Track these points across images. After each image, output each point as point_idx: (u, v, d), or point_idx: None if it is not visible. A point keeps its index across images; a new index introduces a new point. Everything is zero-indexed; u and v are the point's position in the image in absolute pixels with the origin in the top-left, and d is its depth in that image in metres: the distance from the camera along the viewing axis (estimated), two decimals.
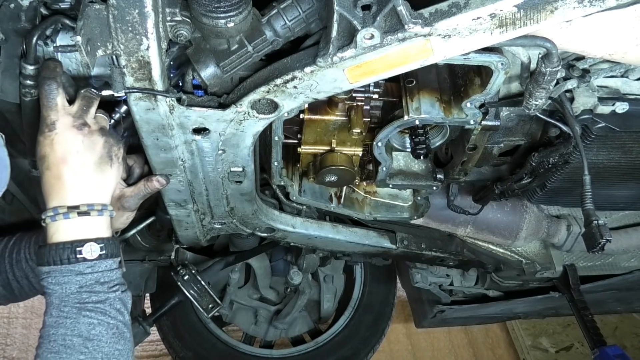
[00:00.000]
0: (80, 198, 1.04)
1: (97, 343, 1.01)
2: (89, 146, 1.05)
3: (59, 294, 1.02)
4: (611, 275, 2.13)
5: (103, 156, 1.07)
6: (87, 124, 1.06)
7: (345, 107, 1.33)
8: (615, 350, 1.87)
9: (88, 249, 1.02)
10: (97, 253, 1.04)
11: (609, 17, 0.99)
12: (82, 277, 1.02)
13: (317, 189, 1.61)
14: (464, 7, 0.91)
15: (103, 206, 1.07)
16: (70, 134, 1.04)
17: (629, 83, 1.30)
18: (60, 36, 1.14)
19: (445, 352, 3.36)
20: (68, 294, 1.02)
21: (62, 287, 1.02)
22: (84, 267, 1.02)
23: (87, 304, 1.02)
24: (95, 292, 1.03)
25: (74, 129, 1.04)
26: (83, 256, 1.02)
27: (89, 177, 1.05)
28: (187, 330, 2.64)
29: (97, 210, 1.06)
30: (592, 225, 1.17)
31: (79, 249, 1.02)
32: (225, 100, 1.10)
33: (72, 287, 1.02)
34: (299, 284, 2.56)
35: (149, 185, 1.26)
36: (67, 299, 1.01)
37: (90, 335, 1.01)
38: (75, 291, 1.02)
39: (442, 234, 1.91)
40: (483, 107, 1.22)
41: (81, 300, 1.02)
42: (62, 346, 0.99)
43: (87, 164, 1.05)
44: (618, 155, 1.41)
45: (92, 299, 1.02)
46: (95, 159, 1.06)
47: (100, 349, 1.01)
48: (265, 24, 1.03)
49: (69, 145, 1.03)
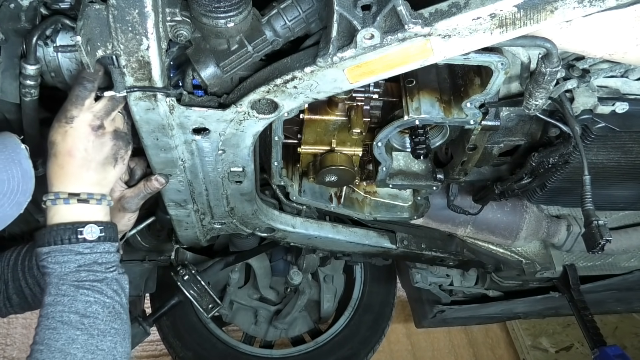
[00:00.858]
0: (80, 188, 1.08)
1: (93, 320, 1.04)
2: (97, 147, 1.08)
3: (57, 272, 1.05)
4: (611, 275, 2.13)
5: (108, 157, 1.11)
6: (103, 125, 1.09)
7: (345, 107, 1.33)
8: (615, 350, 1.87)
9: (89, 230, 1.07)
10: (97, 235, 1.08)
11: (609, 17, 0.99)
12: (81, 257, 1.06)
13: (317, 189, 1.61)
14: (464, 7, 0.91)
15: (102, 196, 1.11)
16: (85, 132, 1.07)
17: (629, 83, 1.30)
18: (60, 36, 1.14)
19: (445, 352, 3.36)
20: (67, 273, 1.05)
21: (61, 265, 1.05)
22: (83, 248, 1.06)
23: (84, 282, 1.05)
24: (93, 271, 1.06)
25: (89, 128, 1.07)
26: (84, 237, 1.06)
27: (91, 173, 1.09)
28: (187, 330, 2.64)
29: (96, 199, 1.10)
30: (592, 226, 1.17)
31: (80, 229, 1.06)
32: (225, 100, 1.10)
33: (71, 265, 1.05)
34: (299, 284, 2.56)
35: (149, 185, 1.27)
36: (66, 278, 1.05)
37: (87, 313, 1.04)
38: (73, 270, 1.05)
39: (442, 234, 1.91)
40: (483, 107, 1.22)
41: (79, 278, 1.05)
42: (59, 322, 1.02)
43: (91, 162, 1.08)
44: (618, 155, 1.41)
45: (90, 278, 1.06)
46: (100, 159, 1.09)
47: (96, 325, 1.04)
48: (265, 24, 1.03)
49: (80, 142, 1.07)
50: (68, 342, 1.02)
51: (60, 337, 1.01)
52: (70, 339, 1.02)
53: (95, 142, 1.08)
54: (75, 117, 1.06)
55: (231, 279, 2.64)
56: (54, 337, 1.01)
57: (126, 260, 2.12)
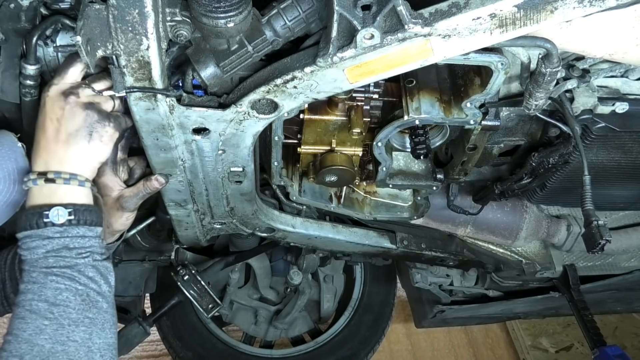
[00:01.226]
0: (47, 165, 1.02)
1: (63, 309, 0.97)
2: (68, 116, 1.02)
3: (28, 259, 1.00)
4: (611, 275, 2.13)
5: (80, 129, 1.03)
6: (76, 93, 1.03)
7: (345, 107, 1.33)
8: (615, 350, 1.87)
9: (55, 213, 0.99)
10: (65, 218, 1.00)
11: (609, 17, 0.99)
12: (49, 242, 0.99)
13: (317, 189, 1.61)
14: (464, 7, 0.91)
15: (72, 175, 1.03)
16: (56, 99, 1.03)
17: (629, 83, 1.30)
18: (60, 36, 1.14)
19: (445, 352, 3.36)
20: (36, 259, 0.99)
21: (30, 252, 1.00)
22: (52, 232, 0.99)
23: (53, 268, 0.98)
24: (62, 256, 0.99)
25: (61, 95, 1.03)
26: (50, 220, 0.99)
27: (60, 146, 1.02)
28: (187, 330, 2.63)
29: (63, 178, 1.02)
30: (591, 226, 1.17)
31: (46, 213, 0.99)
32: (225, 100, 1.10)
33: (40, 251, 0.99)
34: (299, 284, 2.56)
35: (149, 185, 1.27)
36: (36, 264, 0.99)
37: (57, 301, 0.97)
38: (42, 256, 0.99)
39: (442, 234, 1.91)
40: (483, 107, 1.22)
41: (48, 265, 0.98)
42: (27, 311, 0.96)
43: (61, 132, 1.02)
44: (618, 155, 1.41)
45: (60, 264, 0.99)
46: (70, 130, 1.02)
47: (67, 315, 0.97)
48: (265, 24, 1.03)
49: (51, 111, 1.03)
50: (35, 332, 0.95)
51: (27, 327, 0.95)
52: (38, 329, 0.95)
53: (66, 110, 1.02)
54: (53, 85, 1.03)
55: (231, 279, 2.63)
56: (22, 327, 0.95)
57: (126, 260, 2.12)
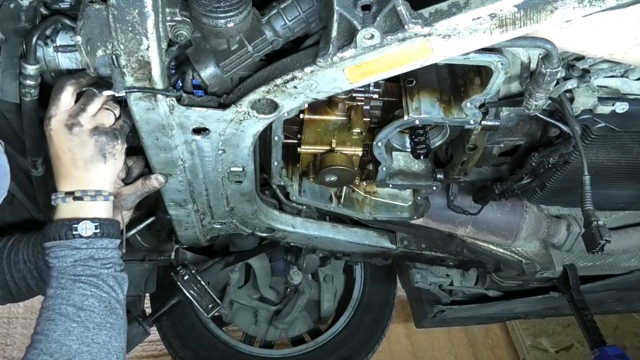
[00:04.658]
0: (73, 187, 1.12)
1: (89, 313, 1.07)
2: (78, 145, 1.09)
3: (57, 267, 1.10)
4: (611, 275, 2.13)
5: (94, 154, 1.11)
6: (79, 123, 1.09)
7: (345, 107, 1.33)
8: (615, 350, 1.87)
9: (83, 226, 1.10)
10: (92, 231, 1.11)
11: (609, 17, 0.99)
12: (77, 252, 1.10)
13: (317, 189, 1.61)
14: (464, 7, 0.91)
15: (97, 192, 1.13)
16: (62, 132, 1.08)
17: (629, 83, 1.30)
18: (60, 36, 1.14)
19: (445, 352, 3.36)
20: (65, 267, 1.09)
21: (59, 260, 1.09)
22: (79, 243, 1.10)
23: (81, 276, 1.09)
24: (89, 266, 1.10)
25: (65, 128, 1.08)
26: (78, 233, 1.10)
27: (80, 172, 1.11)
28: (187, 330, 2.63)
29: (90, 195, 1.12)
30: (591, 226, 1.17)
31: (75, 225, 1.10)
32: (225, 100, 1.10)
33: (68, 260, 1.09)
34: (299, 284, 2.56)
35: (148, 183, 1.27)
36: (64, 272, 1.09)
37: (84, 306, 1.07)
38: (70, 264, 1.09)
39: (442, 234, 1.91)
40: (483, 107, 1.22)
41: (76, 273, 1.09)
42: (57, 314, 1.06)
43: (77, 161, 1.10)
44: (618, 155, 1.41)
45: (86, 273, 1.09)
46: (86, 157, 1.10)
47: (92, 319, 1.07)
48: (265, 24, 1.03)
49: (60, 143, 1.09)
50: (64, 333, 1.05)
51: (57, 328, 1.05)
52: (67, 331, 1.05)
53: (75, 141, 1.08)
54: (52, 117, 1.08)
55: (231, 279, 2.63)
56: (52, 327, 1.05)
57: (126, 260, 2.10)
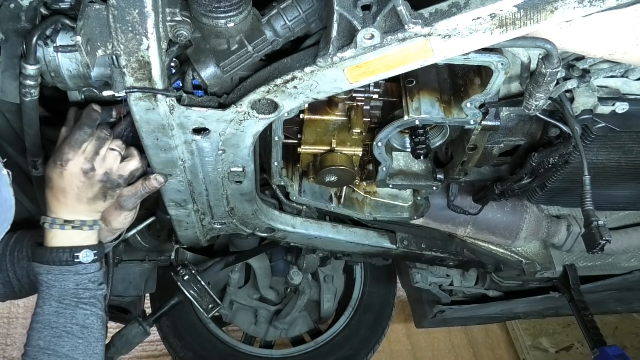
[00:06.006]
0: (73, 216, 1.21)
1: (90, 330, 1.22)
2: (87, 186, 1.18)
3: (58, 288, 1.20)
4: (611, 275, 2.13)
5: (97, 195, 1.20)
6: (93, 168, 1.17)
7: (345, 107, 1.33)
8: (615, 350, 1.87)
9: (84, 254, 1.21)
10: (91, 258, 1.22)
11: (609, 17, 0.99)
12: (79, 277, 1.21)
13: (317, 189, 1.61)
14: (464, 7, 0.91)
15: (94, 222, 1.23)
16: (76, 174, 1.16)
17: (629, 83, 1.30)
18: (60, 36, 1.13)
19: (445, 352, 3.36)
20: (66, 289, 1.20)
21: (61, 283, 1.20)
22: (80, 269, 1.21)
23: (82, 298, 1.22)
24: (89, 289, 1.23)
25: (81, 171, 1.16)
26: (80, 260, 1.21)
27: (82, 206, 1.20)
28: (187, 330, 2.63)
29: (88, 225, 1.22)
30: (591, 226, 1.17)
31: (77, 254, 1.20)
32: (225, 100, 1.10)
33: (71, 284, 1.21)
34: (299, 284, 2.56)
35: (147, 184, 1.28)
36: (66, 294, 1.20)
37: (86, 324, 1.21)
38: (72, 288, 1.21)
39: (442, 234, 1.91)
40: (483, 107, 1.22)
41: (77, 295, 1.21)
42: (64, 332, 1.19)
43: (81, 197, 1.19)
44: (618, 155, 1.41)
45: (86, 295, 1.22)
46: (90, 196, 1.19)
47: (93, 334, 1.23)
48: (265, 24, 1.03)
49: (72, 182, 1.17)
50: (72, 348, 1.19)
51: (65, 344, 1.18)
52: (74, 346, 1.19)
53: (85, 183, 1.17)
54: (70, 160, 1.15)
55: (231, 279, 2.63)
56: (61, 343, 1.18)
57: (126, 260, 2.12)
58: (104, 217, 1.30)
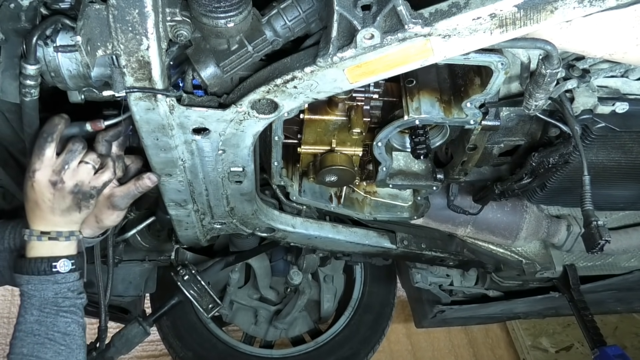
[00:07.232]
0: (50, 228, 1.23)
1: (72, 337, 1.25)
2: (59, 198, 1.19)
3: (38, 297, 1.23)
4: (611, 275, 2.13)
5: (71, 207, 1.21)
6: (62, 180, 1.17)
7: (345, 107, 1.33)
8: (615, 350, 1.87)
9: (62, 264, 1.23)
10: (69, 268, 1.24)
11: (609, 17, 0.99)
12: (58, 286, 1.24)
13: (317, 189, 1.61)
14: (464, 7, 0.91)
15: (70, 233, 1.25)
16: (44, 186, 1.17)
17: (629, 83, 1.30)
18: (60, 36, 1.13)
19: (445, 352, 3.36)
20: (46, 298, 1.23)
21: (40, 292, 1.23)
22: (59, 278, 1.24)
23: (62, 307, 1.24)
24: (68, 297, 1.25)
25: (48, 183, 1.17)
26: (57, 270, 1.23)
27: (57, 218, 1.22)
28: (187, 330, 2.64)
29: (64, 236, 1.24)
30: (591, 226, 1.17)
31: (54, 263, 1.23)
32: (225, 100, 1.10)
33: (50, 293, 1.23)
34: (299, 284, 2.56)
35: (140, 184, 1.28)
36: (46, 302, 1.23)
37: (67, 331, 1.24)
38: (52, 296, 1.23)
39: (442, 234, 1.91)
40: (483, 107, 1.22)
41: (57, 303, 1.24)
42: (46, 339, 1.22)
43: (55, 209, 1.20)
44: (618, 155, 1.41)
45: (66, 303, 1.25)
46: (63, 207, 1.20)
47: (75, 341, 1.26)
48: (265, 24, 1.03)
49: (42, 194, 1.18)
50: (54, 355, 1.22)
51: (48, 351, 1.21)
52: (57, 353, 1.22)
53: (56, 195, 1.18)
54: (37, 171, 1.16)
55: (231, 279, 2.63)
56: (44, 350, 1.21)
57: (126, 260, 2.12)
58: (97, 215, 1.31)
